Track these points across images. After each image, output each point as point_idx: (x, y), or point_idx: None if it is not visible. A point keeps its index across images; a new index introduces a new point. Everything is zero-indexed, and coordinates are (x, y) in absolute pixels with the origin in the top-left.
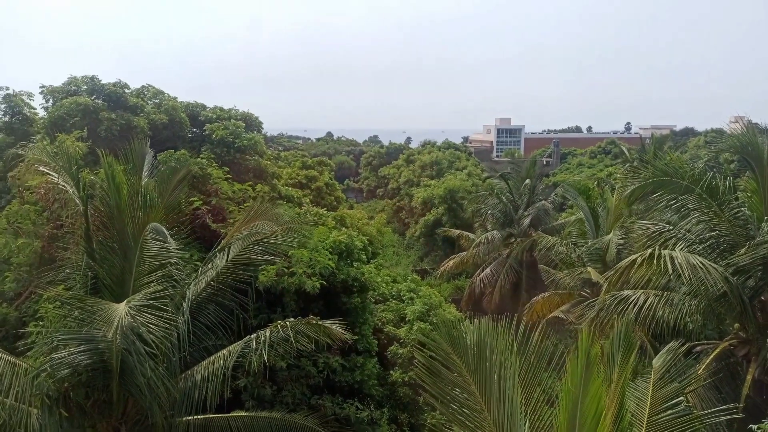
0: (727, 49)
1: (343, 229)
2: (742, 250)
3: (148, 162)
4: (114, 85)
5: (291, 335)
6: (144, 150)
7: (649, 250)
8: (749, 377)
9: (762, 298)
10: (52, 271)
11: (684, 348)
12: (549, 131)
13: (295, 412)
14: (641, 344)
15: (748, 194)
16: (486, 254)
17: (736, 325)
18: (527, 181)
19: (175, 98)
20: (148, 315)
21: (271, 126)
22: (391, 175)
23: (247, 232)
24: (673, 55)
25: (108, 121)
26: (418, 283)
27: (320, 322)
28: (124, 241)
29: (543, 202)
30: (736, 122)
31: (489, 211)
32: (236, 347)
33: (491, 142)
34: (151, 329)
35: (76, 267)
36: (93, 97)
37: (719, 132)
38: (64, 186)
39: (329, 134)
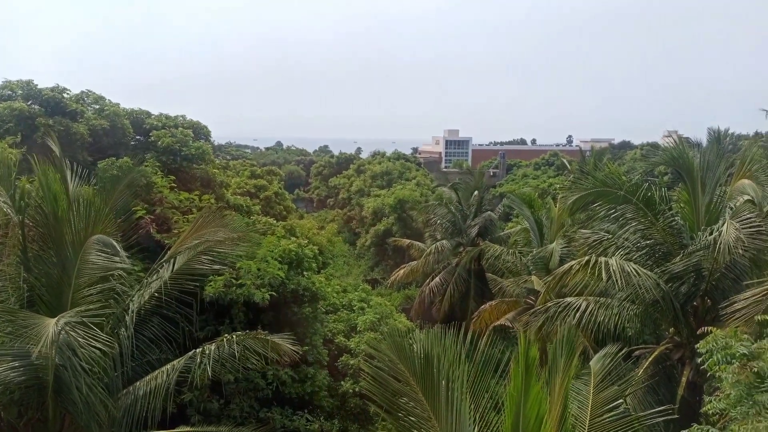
0: (662, 64)
1: (293, 238)
2: (677, 258)
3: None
4: (52, 90)
5: (238, 350)
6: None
7: (586, 257)
8: (684, 379)
9: (695, 303)
10: None
11: (623, 352)
12: (495, 143)
13: (243, 425)
14: (584, 349)
15: (681, 205)
16: (435, 263)
17: (671, 329)
18: (475, 192)
19: (117, 104)
20: (82, 331)
21: (219, 135)
22: (341, 185)
23: (196, 241)
24: (612, 70)
25: (45, 128)
26: (368, 292)
27: (269, 337)
28: (63, 253)
29: (489, 212)
30: (669, 136)
31: (438, 221)
32: (180, 362)
33: (440, 153)
34: (87, 344)
35: (9, 279)
36: (29, 103)
37: (654, 146)
38: None
39: (278, 144)
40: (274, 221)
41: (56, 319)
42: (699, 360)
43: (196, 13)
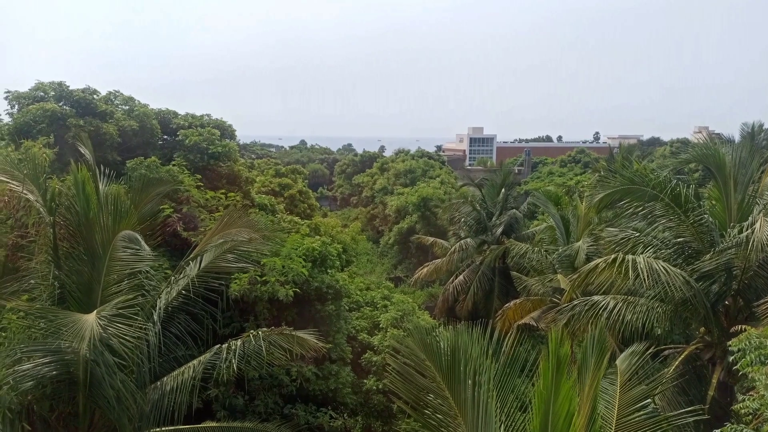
0: (695, 58)
1: (317, 236)
2: (707, 257)
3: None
4: (83, 91)
5: (263, 346)
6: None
7: (613, 255)
8: (714, 380)
9: (726, 302)
10: (16, 280)
11: (650, 351)
12: (520, 140)
13: (267, 421)
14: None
15: (712, 202)
16: (460, 261)
17: (702, 329)
18: (502, 189)
19: (146, 105)
20: (119, 325)
21: (244, 134)
22: (365, 183)
23: (221, 240)
24: (642, 65)
25: (76, 128)
26: (391, 290)
27: (294, 333)
28: (93, 250)
29: (514, 210)
30: (700, 132)
31: (463, 219)
32: (206, 357)
33: (464, 150)
34: (121, 340)
35: (41, 277)
36: (61, 104)
37: (684, 142)
38: (26, 194)
39: (302, 142)
40: (299, 219)
41: (95, 313)
42: (731, 359)
43: (217, 13)
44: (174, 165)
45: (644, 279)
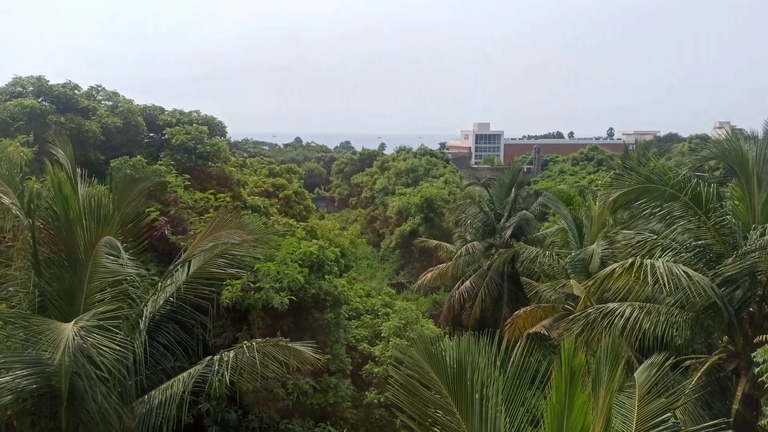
0: (716, 51)
1: (314, 240)
2: (729, 260)
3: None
4: (63, 86)
5: (258, 358)
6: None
7: (630, 260)
8: (739, 392)
9: (751, 309)
10: None
11: (670, 362)
12: (529, 137)
13: None
14: (628, 359)
15: (735, 202)
16: (466, 266)
17: (725, 338)
18: (512, 189)
19: (131, 101)
20: (99, 336)
21: (235, 131)
22: (364, 182)
23: (211, 243)
24: (661, 58)
25: (57, 126)
26: (393, 297)
27: (290, 344)
28: (74, 256)
29: (524, 211)
30: (721, 128)
31: (469, 221)
32: (197, 369)
33: (469, 148)
34: (102, 351)
35: (20, 284)
36: (40, 99)
37: (703, 138)
38: (1, 197)
39: (298, 140)
40: (294, 222)
41: (73, 322)
42: (756, 371)
43: (209, 8)
44: (161, 164)
45: (664, 284)
